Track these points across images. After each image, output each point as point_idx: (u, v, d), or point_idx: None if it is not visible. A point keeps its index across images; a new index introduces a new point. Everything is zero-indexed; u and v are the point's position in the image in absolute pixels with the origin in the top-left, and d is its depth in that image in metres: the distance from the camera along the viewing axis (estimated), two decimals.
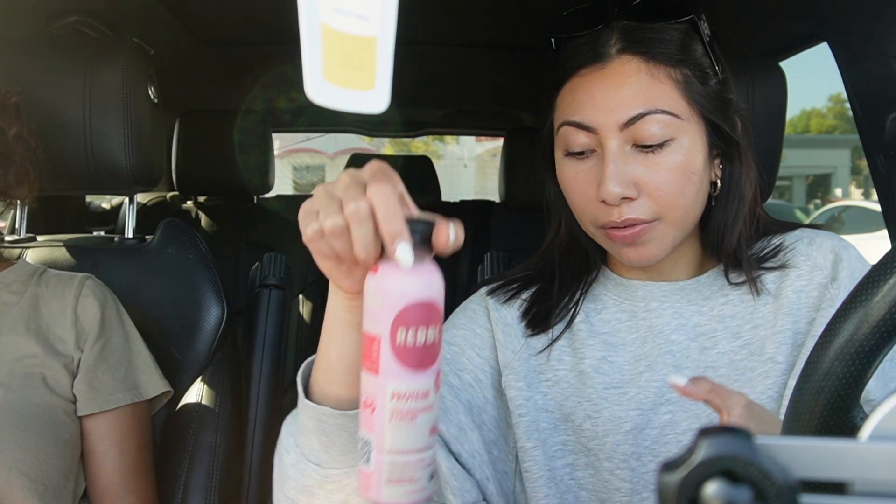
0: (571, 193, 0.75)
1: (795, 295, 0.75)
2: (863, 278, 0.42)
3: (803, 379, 0.43)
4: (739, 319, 0.77)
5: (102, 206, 2.48)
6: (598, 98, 0.70)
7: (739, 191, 0.75)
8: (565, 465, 0.78)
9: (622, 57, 0.71)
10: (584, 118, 0.71)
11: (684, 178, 0.70)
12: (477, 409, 0.80)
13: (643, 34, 0.71)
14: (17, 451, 0.85)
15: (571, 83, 0.73)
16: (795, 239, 0.78)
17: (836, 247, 0.76)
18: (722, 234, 0.76)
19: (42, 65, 1.08)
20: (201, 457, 1.06)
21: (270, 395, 1.30)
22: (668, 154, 0.70)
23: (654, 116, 0.69)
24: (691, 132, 0.71)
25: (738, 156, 0.75)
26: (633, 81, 0.70)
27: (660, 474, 0.27)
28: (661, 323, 0.78)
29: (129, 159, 1.08)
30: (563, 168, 0.75)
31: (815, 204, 15.97)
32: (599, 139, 0.71)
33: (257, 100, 2.30)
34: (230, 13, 1.59)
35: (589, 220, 0.75)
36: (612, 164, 0.69)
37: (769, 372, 0.73)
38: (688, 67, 0.71)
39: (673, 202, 0.70)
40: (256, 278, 1.37)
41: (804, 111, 22.18)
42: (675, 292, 0.79)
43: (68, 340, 0.95)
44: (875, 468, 0.28)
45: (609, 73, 0.71)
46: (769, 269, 0.77)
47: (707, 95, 0.72)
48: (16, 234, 1.23)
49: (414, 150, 11.79)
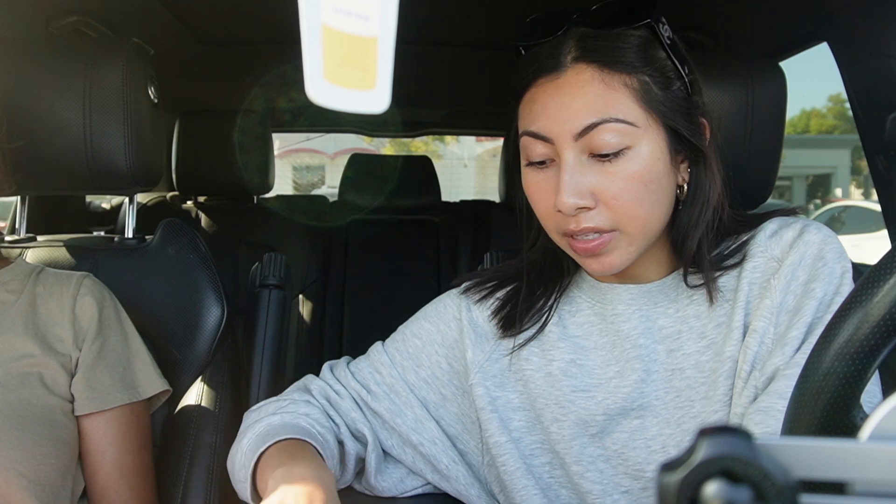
0: (535, 202, 0.75)
1: (748, 287, 0.74)
2: (863, 278, 0.42)
3: (803, 379, 0.43)
4: (704, 319, 0.76)
5: (102, 206, 2.48)
6: (553, 108, 0.70)
7: (703, 195, 0.74)
8: (543, 464, 0.79)
9: (577, 66, 0.70)
10: (540, 129, 0.71)
11: (642, 186, 0.69)
12: (433, 405, 0.84)
13: (598, 42, 0.70)
14: (14, 452, 0.85)
15: (530, 93, 0.73)
16: (760, 231, 0.76)
17: (795, 235, 0.74)
18: (683, 238, 0.75)
19: (42, 65, 1.08)
20: (201, 457, 1.06)
21: (270, 395, 1.29)
22: (624, 163, 0.69)
23: (608, 125, 0.68)
24: (649, 139, 0.70)
25: (702, 160, 0.74)
26: (586, 91, 0.69)
27: (660, 474, 0.27)
28: (628, 327, 0.77)
29: (129, 159, 1.08)
30: (526, 177, 0.75)
31: (815, 204, 15.96)
32: (556, 149, 0.71)
33: (257, 100, 2.30)
34: (230, 13, 1.59)
35: (553, 229, 0.75)
36: (567, 174, 0.69)
37: (728, 371, 0.72)
38: (647, 74, 0.70)
39: (630, 212, 0.70)
40: (256, 278, 1.37)
41: (804, 111, 22.18)
42: (642, 295, 0.78)
43: (66, 339, 0.95)
44: (875, 468, 0.28)
45: (563, 82, 0.70)
46: (730, 268, 0.76)
47: (668, 101, 0.71)
48: (16, 234, 1.23)
49: (414, 150, 11.80)
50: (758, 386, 0.69)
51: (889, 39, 1.05)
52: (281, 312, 1.35)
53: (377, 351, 0.88)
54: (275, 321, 1.33)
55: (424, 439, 0.81)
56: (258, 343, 1.31)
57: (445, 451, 0.82)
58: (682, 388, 0.74)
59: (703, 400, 0.73)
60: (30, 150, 1.05)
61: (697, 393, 0.74)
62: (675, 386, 0.75)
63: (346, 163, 2.50)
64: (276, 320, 1.33)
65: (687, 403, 0.74)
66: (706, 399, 0.73)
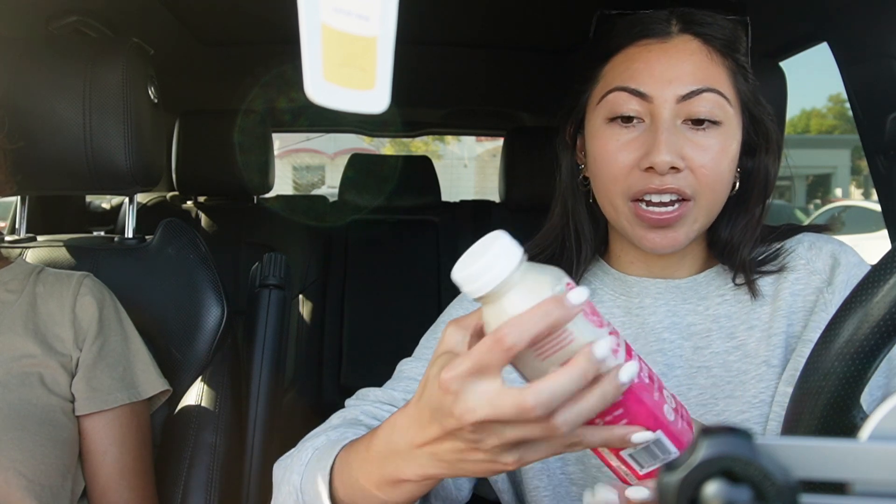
0: (607, 162, 0.74)
1: (792, 298, 0.75)
2: (863, 278, 0.42)
3: (803, 379, 0.43)
4: (735, 320, 0.77)
5: (102, 206, 2.48)
6: (658, 69, 0.71)
7: (767, 189, 0.77)
8: (557, 459, 0.79)
9: (683, 36, 0.73)
10: (640, 85, 0.72)
11: (725, 163, 0.72)
12: None
13: (702, 18, 0.73)
14: (14, 451, 0.85)
15: (627, 52, 0.74)
16: (796, 242, 0.79)
17: (836, 251, 0.76)
18: (742, 232, 0.76)
19: (42, 65, 1.08)
20: (201, 457, 1.06)
21: (270, 395, 1.30)
22: (713, 136, 0.71)
23: (710, 95, 0.70)
24: (734, 121, 0.73)
25: (773, 152, 0.77)
26: (694, 59, 0.71)
27: (660, 474, 0.27)
28: (653, 321, 0.78)
29: (129, 159, 1.08)
30: (603, 135, 0.74)
31: (815, 204, 15.95)
32: (653, 109, 0.71)
33: (257, 100, 2.30)
34: (230, 13, 1.59)
35: (621, 192, 0.73)
36: (666, 132, 0.70)
37: (763, 375, 0.74)
38: (736, 62, 0.73)
39: (712, 184, 0.71)
40: (256, 278, 1.37)
41: (804, 111, 22.16)
42: (671, 290, 0.79)
43: (67, 339, 0.95)
44: (875, 468, 0.28)
45: (671, 47, 0.72)
46: (768, 273, 0.77)
47: (750, 91, 0.75)
48: (16, 234, 1.23)
49: (414, 150, 11.78)
50: None
51: (889, 39, 1.05)
52: (281, 312, 1.35)
53: (406, 367, 0.84)
54: (275, 321, 1.33)
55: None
56: (258, 343, 1.31)
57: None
58: (706, 385, 0.75)
59: (728, 399, 0.74)
60: (30, 151, 1.05)
61: (722, 391, 0.75)
62: (700, 383, 0.75)
63: (346, 163, 2.50)
64: (276, 320, 1.33)
65: (710, 401, 0.75)
66: (730, 398, 0.74)
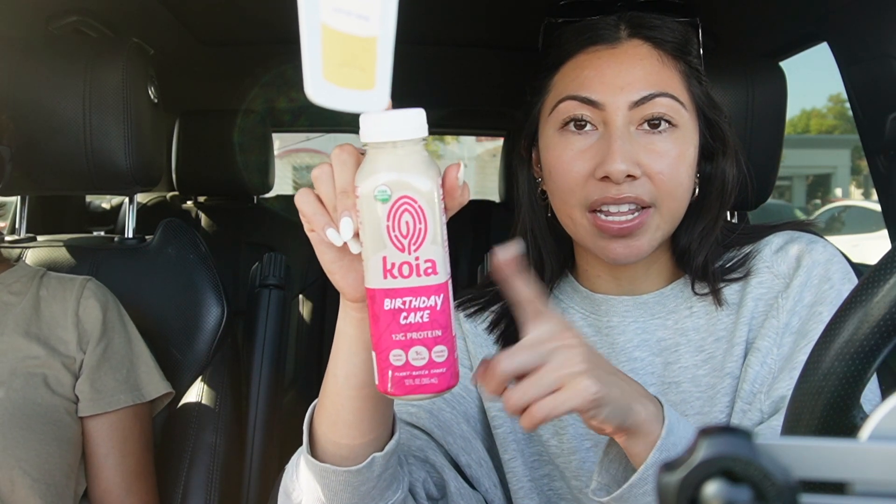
0: (562, 172, 0.71)
1: (754, 304, 0.73)
2: (863, 278, 0.42)
3: (803, 379, 0.42)
4: (703, 332, 0.75)
5: (102, 206, 2.48)
6: (609, 75, 0.70)
7: (724, 193, 0.74)
8: (543, 476, 0.78)
9: (633, 41, 0.71)
10: (591, 93, 0.70)
11: (683, 168, 0.70)
12: (472, 419, 0.79)
13: (651, 22, 0.72)
14: (20, 450, 0.85)
15: (577, 60, 0.72)
16: (765, 244, 0.75)
17: (801, 252, 0.73)
18: (700, 239, 0.74)
19: (42, 65, 1.08)
20: (201, 457, 1.06)
21: (270, 394, 1.30)
22: (668, 141, 0.69)
23: (663, 100, 0.69)
24: (689, 125, 0.71)
25: (730, 156, 0.74)
26: (644, 64, 0.70)
27: (660, 474, 0.27)
28: (623, 340, 0.76)
29: (129, 159, 1.08)
30: (557, 145, 0.72)
31: (815, 204, 15.95)
32: (605, 116, 0.69)
33: (257, 100, 2.30)
34: (230, 13, 1.59)
35: (578, 202, 0.71)
36: (619, 140, 0.68)
37: (728, 388, 0.71)
38: (688, 64, 0.72)
39: (670, 190, 0.69)
40: (256, 278, 1.37)
41: (804, 111, 22.12)
42: (639, 307, 0.76)
43: (70, 342, 0.95)
44: (875, 468, 0.28)
45: (621, 52, 0.71)
46: (733, 280, 0.74)
47: (703, 94, 0.73)
48: (16, 235, 1.23)
49: None
50: (763, 410, 0.68)
51: (889, 39, 1.04)
52: (281, 312, 1.35)
53: None
54: (275, 321, 1.33)
55: (472, 460, 0.76)
56: (258, 343, 1.31)
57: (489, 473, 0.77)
58: (676, 402, 0.73)
59: (698, 415, 0.72)
60: (30, 150, 1.05)
61: (692, 408, 0.73)
62: (670, 400, 0.73)
63: None
64: (276, 320, 1.33)
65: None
66: (700, 415, 0.72)
